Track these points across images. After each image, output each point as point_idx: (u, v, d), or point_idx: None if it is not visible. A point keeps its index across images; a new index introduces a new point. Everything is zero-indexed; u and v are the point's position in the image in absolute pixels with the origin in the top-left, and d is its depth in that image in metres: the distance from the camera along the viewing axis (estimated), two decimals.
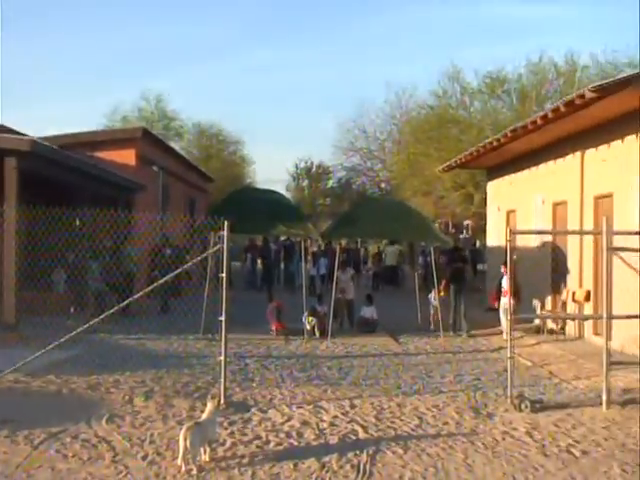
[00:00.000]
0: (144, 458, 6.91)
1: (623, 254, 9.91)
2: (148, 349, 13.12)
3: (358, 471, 6.66)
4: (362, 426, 8.18)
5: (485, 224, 24.19)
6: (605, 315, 9.44)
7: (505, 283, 14.52)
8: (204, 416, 7.08)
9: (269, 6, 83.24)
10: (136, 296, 9.83)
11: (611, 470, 6.80)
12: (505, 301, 14.60)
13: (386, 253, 30.68)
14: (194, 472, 6.46)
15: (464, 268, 17.48)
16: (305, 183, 58.95)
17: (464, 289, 16.73)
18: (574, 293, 15.01)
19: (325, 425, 8.19)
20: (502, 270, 15.70)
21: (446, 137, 31.44)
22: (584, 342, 14.42)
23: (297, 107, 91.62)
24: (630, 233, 11.64)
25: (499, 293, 15.60)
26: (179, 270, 10.01)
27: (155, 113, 44.87)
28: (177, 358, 12.31)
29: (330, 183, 57.29)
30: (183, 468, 6.50)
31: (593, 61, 29.58)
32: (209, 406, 7.10)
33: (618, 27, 55.86)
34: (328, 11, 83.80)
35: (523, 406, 9.02)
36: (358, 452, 7.21)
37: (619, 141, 13.46)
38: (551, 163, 16.93)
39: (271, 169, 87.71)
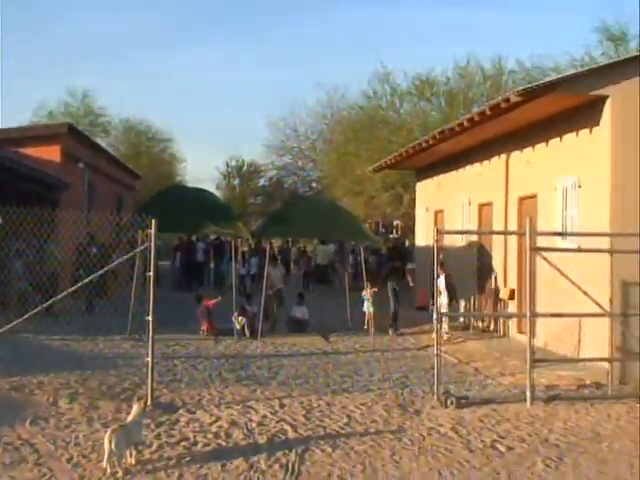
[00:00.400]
0: (69, 461, 6.78)
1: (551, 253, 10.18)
2: (73, 350, 12.85)
3: (287, 470, 6.67)
4: (291, 425, 8.20)
5: (414, 224, 24.52)
6: (528, 313, 9.70)
7: (441, 283, 14.64)
8: (130, 418, 6.99)
9: (201, 4, 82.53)
10: (60, 296, 9.61)
11: (535, 465, 6.99)
12: (443, 301, 14.76)
13: (317, 252, 30.80)
14: (119, 475, 6.37)
15: (402, 267, 17.61)
16: (236, 182, 58.60)
17: (400, 288, 16.83)
18: (499, 292, 15.36)
19: (254, 425, 8.18)
20: (439, 270, 15.61)
21: (376, 138, 31.74)
22: (509, 340, 14.77)
23: (229, 106, 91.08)
24: (552, 234, 12.00)
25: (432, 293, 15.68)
26: (105, 269, 9.84)
27: (81, 109, 43.90)
28: (103, 359, 12.10)
29: (261, 182, 57.20)
30: (108, 470, 6.40)
31: (519, 66, 30.32)
32: (135, 408, 7.01)
33: (544, 32, 57.37)
34: (260, 10, 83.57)
35: (449, 402, 9.19)
36: (287, 451, 7.22)
37: (543, 144, 13.83)
38: (477, 165, 17.28)
39: (202, 167, 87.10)
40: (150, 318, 8.85)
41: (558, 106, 12.40)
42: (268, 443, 7.51)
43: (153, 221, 9.00)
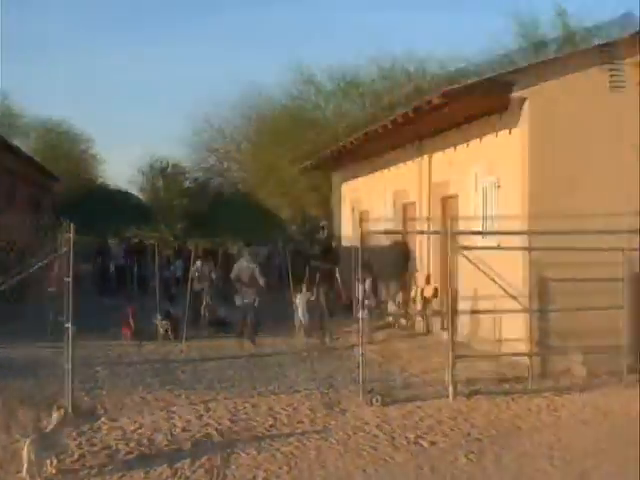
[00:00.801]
0: None
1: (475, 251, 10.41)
2: None
3: (212, 475, 6.64)
4: (216, 429, 8.16)
5: (340, 225, 24.69)
6: (450, 311, 9.90)
7: (366, 287, 14.23)
8: (50, 427, 6.82)
9: (117, 4, 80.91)
10: None
11: (457, 460, 7.15)
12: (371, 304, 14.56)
13: (242, 254, 30.62)
14: None
15: (334, 270, 17.35)
16: (160, 183, 57.78)
17: (332, 291, 16.56)
18: (423, 290, 15.60)
19: (178, 430, 8.12)
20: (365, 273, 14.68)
21: (302, 139, 31.82)
22: (433, 337, 15.02)
23: (151, 106, 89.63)
24: (472, 233, 12.25)
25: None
26: (22, 275, 9.56)
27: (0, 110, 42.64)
28: (22, 367, 11.76)
29: (187, 183, 56.57)
30: None
31: (442, 68, 30.87)
32: (55, 416, 6.85)
33: (468, 33, 58.36)
34: (181, 7, 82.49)
35: (374, 400, 9.30)
36: (212, 455, 7.19)
37: (464, 144, 14.12)
38: (401, 165, 17.52)
39: (125, 169, 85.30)
40: (69, 325, 8.67)
41: (479, 107, 12.69)
42: (193, 448, 7.46)
43: (72, 225, 8.84)
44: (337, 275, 17.80)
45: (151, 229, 15.96)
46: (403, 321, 16.46)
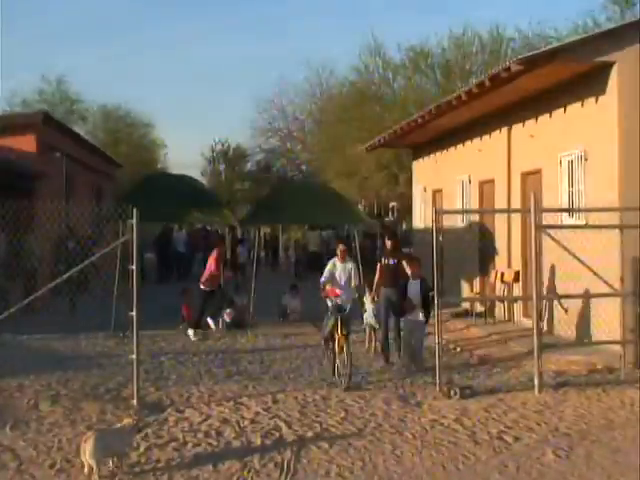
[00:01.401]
0: (52, 466, 6.76)
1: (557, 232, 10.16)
2: (54, 349, 12.81)
3: (282, 470, 6.66)
4: (286, 422, 8.18)
5: (411, 205, 24.50)
6: (534, 296, 9.68)
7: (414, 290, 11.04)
8: (117, 425, 6.94)
9: None
10: (40, 292, 9.58)
11: (544, 456, 6.99)
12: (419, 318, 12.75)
13: (308, 239, 30.78)
14: None
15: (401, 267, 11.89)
16: (222, 167, 58.39)
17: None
18: (502, 274, 15.35)
19: (246, 423, 8.17)
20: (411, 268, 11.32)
21: (369, 116, 31.64)
22: (514, 325, 14.77)
23: (212, 87, 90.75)
24: (558, 210, 11.98)
25: None
26: (84, 263, 9.77)
27: (57, 95, 43.65)
28: (86, 358, 12.06)
29: (248, 166, 57.02)
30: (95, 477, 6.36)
31: (519, 33, 30.18)
32: (125, 421, 6.93)
33: None
34: None
35: (452, 393, 9.20)
36: (282, 449, 7.21)
37: (546, 115, 13.78)
38: (477, 140, 17.23)
39: (185, 153, 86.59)
40: (134, 314, 8.81)
41: (561, 75, 12.34)
42: (262, 441, 7.49)
43: (134, 210, 8.96)
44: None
45: (214, 214, 16.06)
46: (482, 308, 16.24)
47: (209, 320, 15.04)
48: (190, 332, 14.35)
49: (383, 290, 11.76)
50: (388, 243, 12.13)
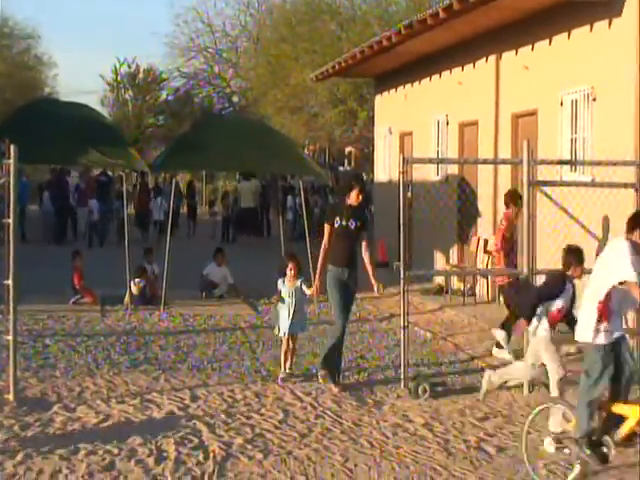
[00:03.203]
0: None
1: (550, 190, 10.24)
2: None
3: None
4: (207, 425, 8.19)
5: (372, 152, 24.50)
6: (526, 269, 9.77)
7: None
8: None
9: None
10: None
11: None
12: None
13: (240, 191, 30.65)
14: None
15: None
16: (129, 95, 57.64)
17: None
18: (486, 242, 15.44)
19: (156, 425, 8.15)
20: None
21: (321, 34, 31.47)
22: (499, 306, 14.93)
23: None
24: (558, 162, 12.06)
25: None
26: None
27: None
28: None
29: (163, 95, 56.42)
30: None
31: None
32: None
33: None
34: None
35: (420, 391, 9.27)
36: (202, 459, 7.20)
37: (545, 42, 13.84)
38: (457, 70, 17.25)
39: (80, 76, 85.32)
40: (10, 282, 8.69)
41: None
42: (175, 449, 7.47)
43: (12, 147, 8.79)
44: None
45: (118, 155, 15.80)
46: (459, 284, 16.39)
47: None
48: None
49: (334, 271, 9.96)
50: (352, 193, 10.00)
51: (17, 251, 8.85)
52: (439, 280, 17.07)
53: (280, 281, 10.28)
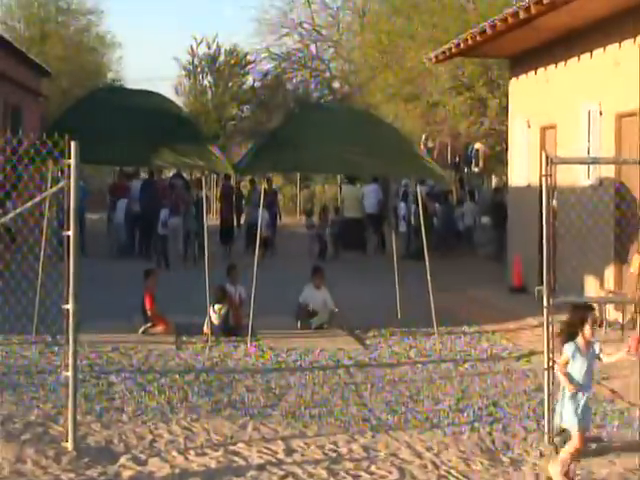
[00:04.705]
0: None
1: None
2: None
3: None
4: None
5: (506, 150, 24.34)
6: None
7: None
8: None
9: None
10: None
11: None
12: None
13: (344, 198, 30.77)
14: None
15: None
16: (208, 81, 58.30)
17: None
18: None
19: None
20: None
21: (443, 5, 31.44)
22: None
23: None
24: None
25: None
26: None
27: None
28: None
29: (250, 81, 56.91)
30: None
31: None
32: None
33: None
34: None
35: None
36: None
37: None
38: (613, 48, 17.04)
39: (150, 58, 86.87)
40: (70, 306, 8.80)
41: None
42: None
43: (73, 145, 8.93)
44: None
45: (196, 155, 15.97)
46: (617, 313, 16.13)
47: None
48: None
49: None
50: None
51: (78, 269, 8.96)
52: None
53: (569, 345, 8.77)
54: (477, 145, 36.35)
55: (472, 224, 31.51)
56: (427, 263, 15.52)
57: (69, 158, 8.96)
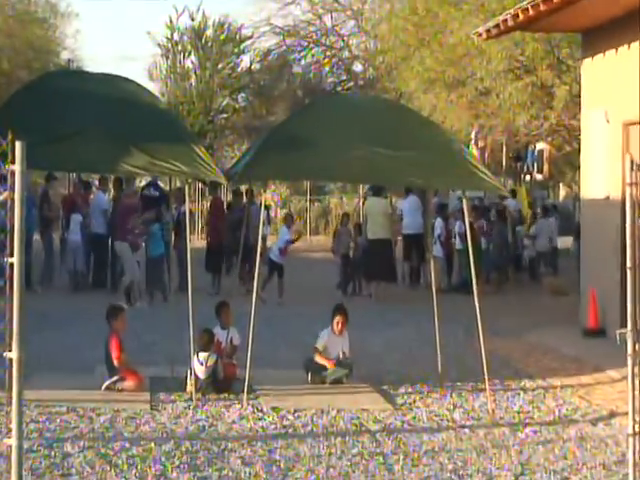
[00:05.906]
0: None
1: None
2: None
3: None
4: None
5: (578, 151, 24.38)
6: None
7: None
8: None
9: None
10: None
11: None
12: None
13: (367, 213, 30.82)
14: None
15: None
16: (191, 62, 58.29)
17: None
18: None
19: None
20: None
21: None
22: None
23: None
24: None
25: None
26: None
27: None
28: None
29: (246, 63, 56.93)
30: None
31: None
32: None
33: None
34: None
35: None
36: None
37: None
38: None
39: (117, 33, 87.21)
40: (14, 355, 8.84)
41: None
42: None
43: (18, 146, 8.98)
44: None
45: (177, 159, 15.93)
46: None
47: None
48: None
49: None
50: None
51: (24, 305, 8.97)
52: None
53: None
54: (540, 145, 36.39)
55: (548, 249, 31.34)
56: (476, 298, 15.54)
57: (13, 162, 9.00)
